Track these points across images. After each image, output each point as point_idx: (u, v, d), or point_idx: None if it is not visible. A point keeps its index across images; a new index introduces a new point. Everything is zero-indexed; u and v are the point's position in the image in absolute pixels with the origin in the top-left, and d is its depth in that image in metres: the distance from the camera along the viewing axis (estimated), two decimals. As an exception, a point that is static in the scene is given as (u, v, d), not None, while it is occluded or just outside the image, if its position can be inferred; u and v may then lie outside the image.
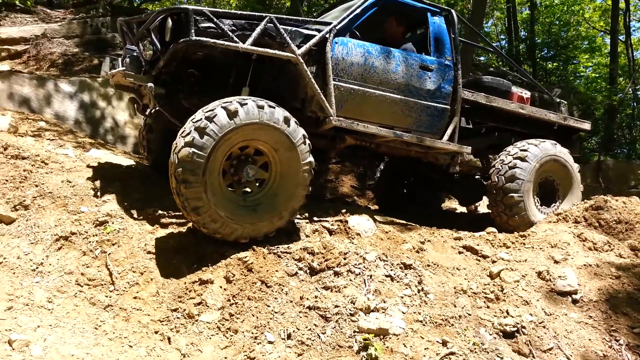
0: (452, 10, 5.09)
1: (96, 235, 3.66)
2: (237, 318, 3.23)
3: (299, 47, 4.03)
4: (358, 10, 4.49)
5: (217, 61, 4.21)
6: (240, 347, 3.03)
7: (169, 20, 3.86)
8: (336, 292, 3.48)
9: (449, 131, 4.84)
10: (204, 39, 3.73)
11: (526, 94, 5.75)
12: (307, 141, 3.81)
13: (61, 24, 9.87)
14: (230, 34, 3.81)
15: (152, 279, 3.41)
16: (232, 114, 3.46)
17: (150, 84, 3.89)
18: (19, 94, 6.79)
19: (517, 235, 4.58)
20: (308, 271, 3.66)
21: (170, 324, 3.13)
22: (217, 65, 4.30)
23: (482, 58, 17.92)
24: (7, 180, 3.99)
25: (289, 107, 4.27)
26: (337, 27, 4.28)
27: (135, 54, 4.09)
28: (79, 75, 7.79)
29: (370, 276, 3.60)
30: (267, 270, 3.58)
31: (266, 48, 3.96)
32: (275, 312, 3.29)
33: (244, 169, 3.69)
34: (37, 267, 3.36)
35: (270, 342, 3.08)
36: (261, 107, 3.56)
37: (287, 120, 3.68)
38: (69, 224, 3.70)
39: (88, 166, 4.65)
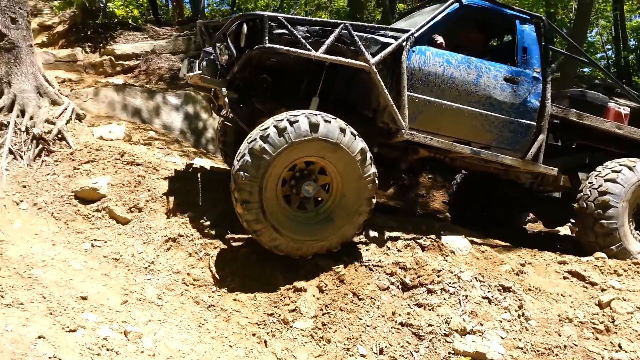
0: (544, 18, 4.72)
1: (200, 238, 3.89)
2: (330, 328, 3.28)
3: (373, 55, 3.87)
4: (439, 17, 4.23)
5: (290, 67, 4.23)
6: (333, 357, 3.06)
7: (244, 26, 3.89)
8: (429, 310, 3.42)
9: (533, 150, 4.46)
10: (277, 46, 3.72)
11: (625, 109, 5.20)
12: (349, 130, 3.60)
13: (168, 40, 10.66)
14: (303, 41, 3.76)
15: (250, 283, 3.56)
16: (259, 154, 3.39)
17: (224, 89, 3.99)
18: (132, 105, 7.42)
19: (629, 262, 4.20)
20: (400, 286, 3.63)
21: (266, 327, 3.24)
22: (291, 71, 4.31)
23: (586, 70, 16.78)
24: (123, 184, 4.36)
25: (360, 116, 4.19)
26: (415, 35, 4.06)
27: (212, 57, 4.14)
28: (184, 88, 8.35)
29: (466, 296, 3.49)
30: (359, 283, 3.60)
31: (340, 56, 3.86)
32: (367, 326, 3.30)
33: (302, 189, 3.63)
34: (148, 266, 3.64)
35: (362, 356, 3.09)
36: (284, 130, 3.42)
37: (314, 127, 3.48)
38: (177, 226, 3.97)
39: (193, 173, 4.96)
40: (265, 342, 3.14)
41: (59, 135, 4.75)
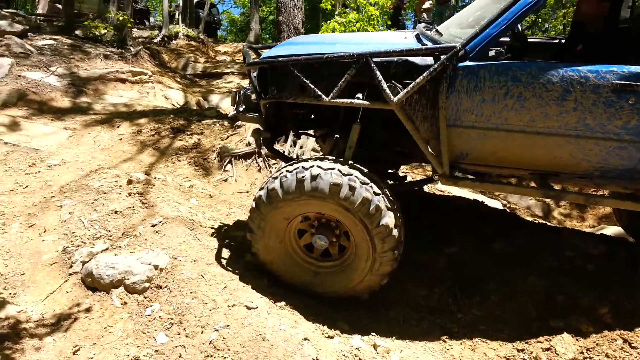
0: None
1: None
2: (594, 375, 2.87)
3: (404, 85, 2.98)
4: (519, 7, 2.84)
5: None
6: (600, 410, 2.66)
7: (252, 74, 3.62)
8: None
9: None
10: (285, 95, 3.29)
11: None
12: (347, 181, 3.02)
13: None
14: (312, 86, 3.13)
15: (498, 315, 3.39)
16: (255, 211, 3.29)
17: (255, 131, 3.80)
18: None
19: None
20: (690, 338, 2.96)
21: (516, 363, 3.03)
22: None
23: None
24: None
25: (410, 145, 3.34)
26: (465, 49, 2.89)
27: (247, 91, 3.83)
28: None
29: None
30: (633, 329, 3.07)
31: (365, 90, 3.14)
32: (645, 380, 2.78)
33: (313, 239, 3.34)
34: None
35: (639, 414, 2.60)
36: (272, 190, 3.18)
37: (300, 183, 3.10)
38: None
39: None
40: (516, 378, 2.93)
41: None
